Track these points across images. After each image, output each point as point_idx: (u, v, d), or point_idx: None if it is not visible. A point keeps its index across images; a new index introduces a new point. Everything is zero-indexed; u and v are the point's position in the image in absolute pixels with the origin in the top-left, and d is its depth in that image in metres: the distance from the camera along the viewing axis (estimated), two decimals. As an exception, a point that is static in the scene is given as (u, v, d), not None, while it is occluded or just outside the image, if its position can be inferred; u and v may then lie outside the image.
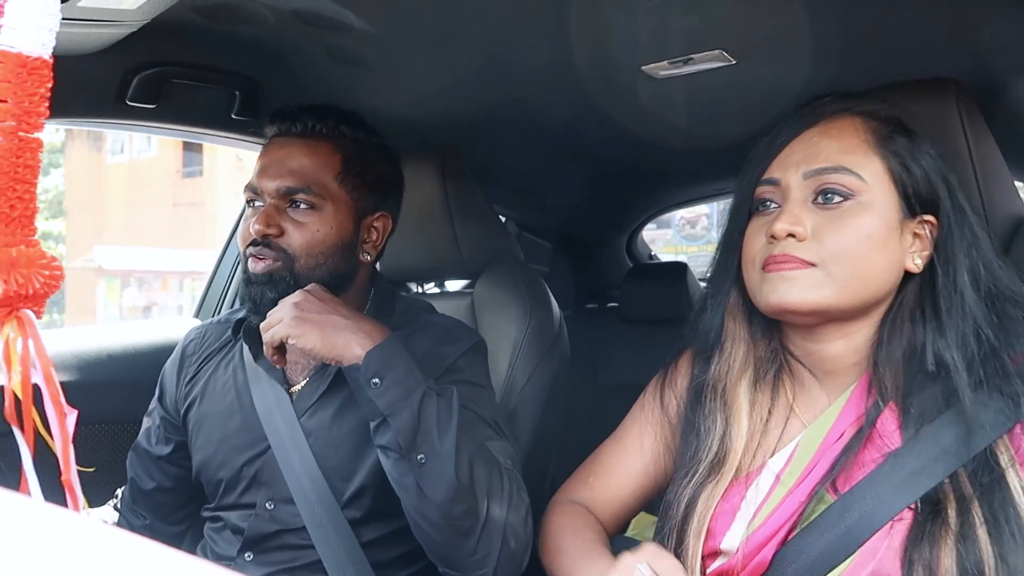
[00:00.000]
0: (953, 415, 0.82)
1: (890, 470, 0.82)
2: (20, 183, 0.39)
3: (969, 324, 0.84)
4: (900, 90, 1.13)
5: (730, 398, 0.95)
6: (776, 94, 1.44)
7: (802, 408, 0.93)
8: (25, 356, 0.39)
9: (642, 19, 1.24)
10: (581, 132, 1.83)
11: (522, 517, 1.04)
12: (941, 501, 0.80)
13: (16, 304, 0.39)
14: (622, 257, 2.81)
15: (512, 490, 1.04)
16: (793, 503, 0.87)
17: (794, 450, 0.90)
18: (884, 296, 0.89)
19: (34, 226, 0.41)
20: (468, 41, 1.37)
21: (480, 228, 1.60)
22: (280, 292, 1.13)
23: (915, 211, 0.88)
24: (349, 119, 1.24)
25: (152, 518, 1.34)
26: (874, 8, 1.19)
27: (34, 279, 0.39)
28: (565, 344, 1.59)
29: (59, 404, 0.37)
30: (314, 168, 1.18)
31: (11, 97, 0.39)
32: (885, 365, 0.87)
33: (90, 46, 1.22)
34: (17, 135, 0.39)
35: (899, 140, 0.89)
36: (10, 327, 0.39)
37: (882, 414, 0.86)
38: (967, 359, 0.83)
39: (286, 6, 1.24)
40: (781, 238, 0.87)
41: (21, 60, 0.39)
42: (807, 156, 0.89)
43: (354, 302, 1.24)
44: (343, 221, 1.20)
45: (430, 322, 1.28)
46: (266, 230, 1.15)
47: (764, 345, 0.96)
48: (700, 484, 0.93)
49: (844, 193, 0.86)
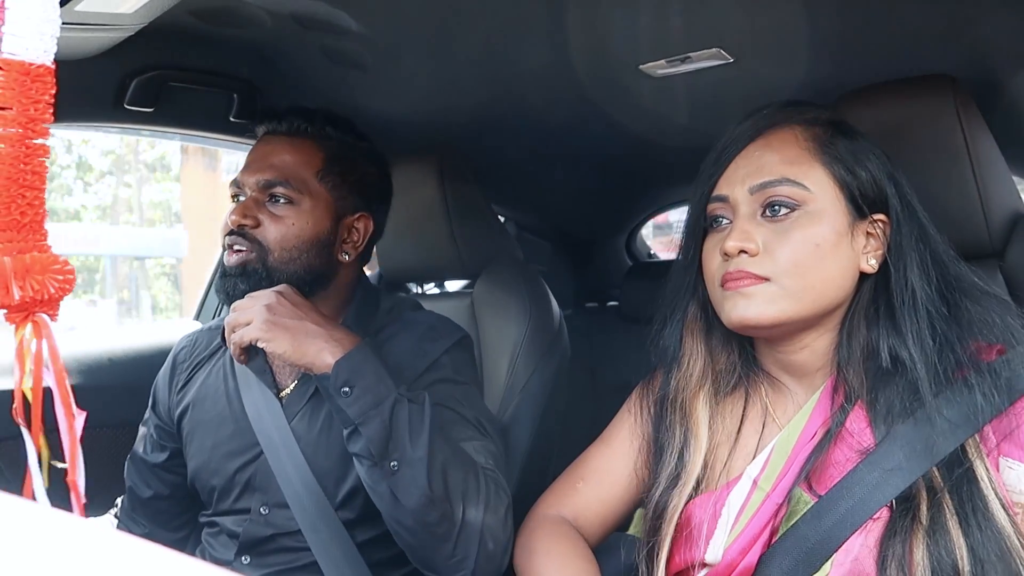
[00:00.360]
0: (922, 413, 0.82)
1: (865, 469, 0.82)
2: (29, 189, 0.40)
3: (923, 319, 0.85)
4: (897, 87, 1.14)
5: (688, 411, 0.96)
6: (774, 92, 1.43)
7: (779, 411, 0.94)
8: (38, 358, 0.39)
9: (640, 18, 1.24)
10: (579, 131, 1.83)
11: (500, 518, 1.04)
12: (915, 497, 0.80)
13: (32, 308, 0.40)
14: (622, 256, 2.81)
15: (489, 492, 1.04)
16: (771, 506, 0.88)
17: (770, 454, 0.91)
18: (842, 300, 0.89)
19: (45, 231, 0.41)
20: (465, 42, 1.37)
21: (479, 228, 1.60)
22: (252, 285, 1.14)
23: (864, 212, 0.88)
24: (336, 121, 1.26)
25: (151, 526, 1.34)
26: (871, 5, 1.19)
27: (48, 284, 0.40)
28: (565, 343, 1.59)
29: (69, 406, 0.38)
30: (295, 164, 1.21)
31: (16, 104, 0.40)
32: (847, 365, 0.88)
33: (88, 50, 1.22)
34: (24, 142, 0.39)
35: (841, 144, 0.89)
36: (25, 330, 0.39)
37: (851, 413, 0.86)
38: (925, 354, 0.83)
39: (283, 9, 1.24)
40: (734, 255, 0.88)
41: (24, 67, 0.40)
42: (751, 171, 0.90)
43: (334, 301, 1.25)
44: (320, 218, 1.21)
45: (414, 319, 1.29)
46: (242, 220, 1.17)
47: (724, 358, 0.97)
48: (664, 493, 0.94)
49: (790, 204, 0.87)
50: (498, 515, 1.04)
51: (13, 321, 0.43)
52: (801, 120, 0.92)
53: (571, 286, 2.63)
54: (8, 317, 0.43)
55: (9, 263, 0.40)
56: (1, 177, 0.38)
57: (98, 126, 1.48)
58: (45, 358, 0.40)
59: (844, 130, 0.92)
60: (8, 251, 0.41)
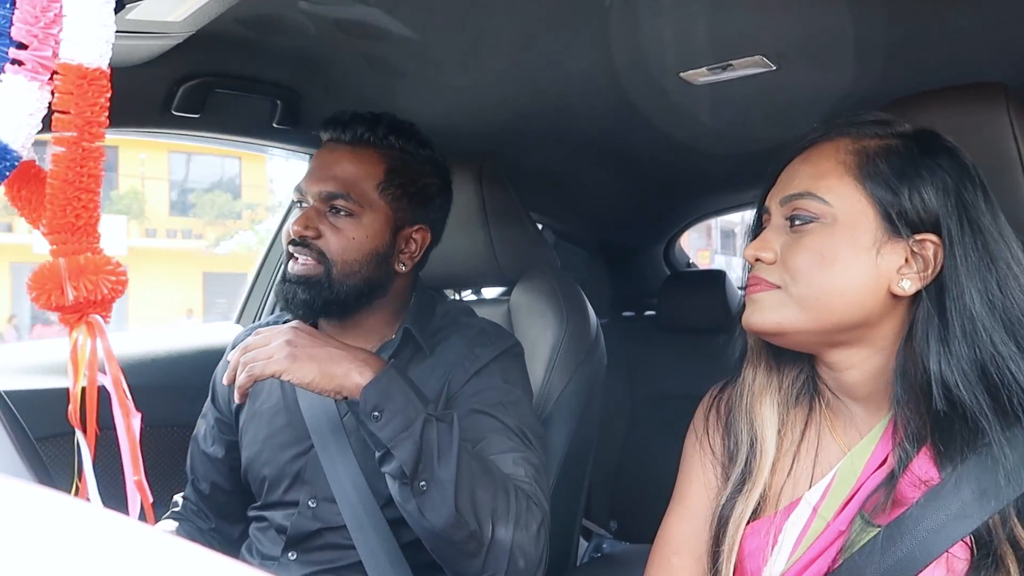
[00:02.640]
0: (988, 453, 0.78)
1: (933, 506, 0.79)
2: (84, 192, 0.41)
3: (985, 353, 0.80)
4: (946, 95, 1.11)
5: (755, 414, 0.94)
6: (818, 100, 1.42)
7: (839, 433, 0.91)
8: (93, 360, 0.40)
9: (680, 25, 1.24)
10: (619, 139, 1.82)
11: (532, 535, 1.04)
12: (995, 544, 0.77)
13: (85, 310, 0.40)
14: (659, 265, 2.80)
15: (520, 509, 1.04)
16: (833, 533, 0.85)
17: (831, 481, 0.88)
18: (867, 320, 0.85)
19: (99, 233, 0.42)
20: (506, 48, 1.38)
21: (517, 235, 1.60)
22: (313, 295, 1.18)
23: (901, 232, 0.84)
24: (400, 129, 1.26)
25: (217, 520, 1.37)
26: (917, 12, 1.17)
27: (102, 285, 0.40)
28: (602, 352, 1.58)
29: (126, 407, 0.38)
30: (356, 175, 1.22)
31: (73, 108, 0.40)
32: (905, 404, 0.84)
33: (138, 58, 1.25)
34: (80, 145, 0.40)
35: (888, 160, 0.85)
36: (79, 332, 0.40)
37: (915, 458, 0.82)
38: (990, 394, 0.79)
39: (327, 16, 1.25)
40: (751, 262, 0.89)
41: (82, 72, 0.41)
42: (785, 183, 0.90)
43: (392, 306, 1.27)
44: (380, 231, 1.22)
45: (468, 324, 1.30)
46: (304, 231, 1.19)
47: (791, 368, 0.95)
48: (731, 498, 0.92)
49: (808, 217, 0.86)
50: (529, 532, 1.04)
51: (67, 323, 0.44)
52: (853, 133, 0.89)
53: (608, 295, 2.63)
54: (62, 319, 0.44)
55: (64, 264, 0.41)
56: (58, 180, 0.39)
57: (146, 131, 1.51)
58: (101, 359, 0.41)
59: (905, 146, 0.87)
60: (63, 252, 0.42)
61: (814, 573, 0.85)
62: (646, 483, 1.81)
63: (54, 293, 0.44)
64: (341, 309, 1.23)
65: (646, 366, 2.46)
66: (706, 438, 1.00)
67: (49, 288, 0.44)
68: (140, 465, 0.40)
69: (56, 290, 0.42)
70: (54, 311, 0.45)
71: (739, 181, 2.32)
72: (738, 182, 2.34)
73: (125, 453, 0.39)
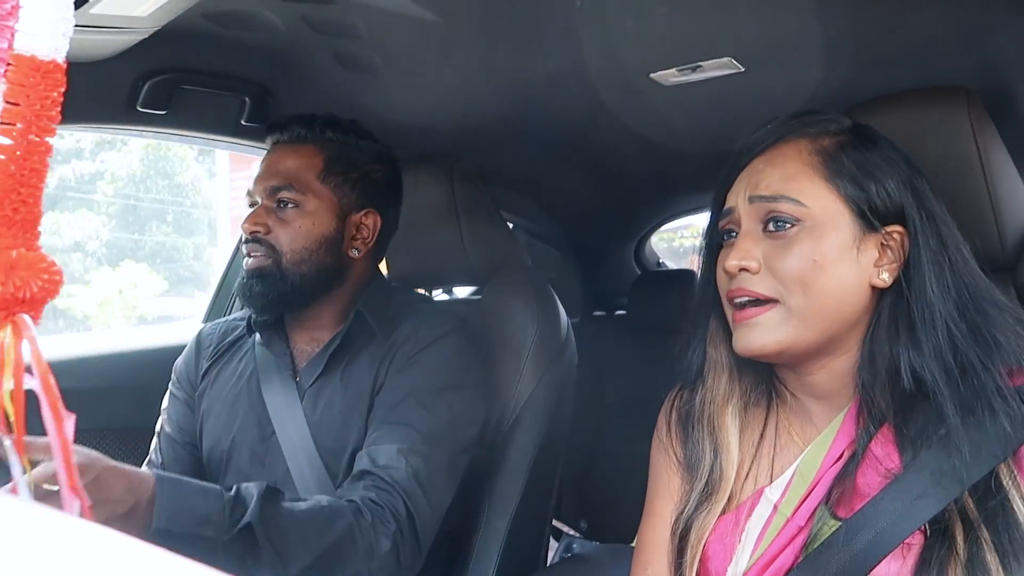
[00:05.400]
0: (948, 437, 0.79)
1: (892, 495, 0.80)
2: (26, 186, 0.39)
3: (943, 337, 0.81)
4: (910, 98, 1.13)
5: (718, 424, 0.93)
6: (786, 101, 1.43)
7: (797, 431, 0.92)
8: (19, 360, 0.38)
9: (651, 26, 1.24)
10: (590, 139, 1.83)
11: (384, 561, 1.07)
12: (949, 526, 0.78)
13: (13, 308, 0.39)
14: (630, 265, 2.81)
15: (366, 544, 1.05)
16: (792, 529, 0.86)
17: (791, 477, 0.89)
18: (853, 319, 0.86)
19: (38, 230, 0.41)
20: (477, 48, 1.38)
21: (488, 234, 1.60)
22: (267, 287, 1.24)
23: (875, 225, 0.85)
24: (337, 124, 1.33)
25: None
26: (884, 15, 1.19)
27: (32, 283, 0.39)
28: (573, 351, 1.59)
29: (56, 410, 0.37)
30: (297, 168, 1.28)
31: (23, 100, 0.39)
32: (871, 386, 0.85)
33: (102, 52, 1.23)
34: (27, 138, 0.39)
35: (849, 157, 0.87)
36: (4, 332, 0.38)
37: (876, 437, 0.83)
38: (947, 375, 0.80)
39: (295, 13, 1.24)
40: (734, 273, 0.87)
41: (35, 63, 0.40)
42: (751, 183, 0.89)
43: (348, 297, 1.33)
44: (325, 217, 1.28)
45: (419, 309, 1.36)
46: (252, 227, 1.26)
47: (750, 372, 0.95)
48: (692, 513, 0.92)
49: (789, 220, 0.85)
50: (381, 559, 1.07)
51: None
52: (809, 133, 0.89)
53: (579, 294, 2.63)
54: None
55: (-8, 259, 0.40)
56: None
57: (111, 128, 1.49)
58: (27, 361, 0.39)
59: (857, 141, 0.89)
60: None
61: (777, 569, 0.85)
62: (616, 482, 1.82)
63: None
64: (298, 299, 1.27)
65: (617, 365, 2.47)
66: (670, 446, 0.99)
67: (-26, 283, 0.42)
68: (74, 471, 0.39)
69: (-19, 285, 0.40)
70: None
71: (708, 182, 2.33)
72: (708, 183, 2.35)
73: (56, 457, 0.38)
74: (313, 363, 1.29)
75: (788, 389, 0.93)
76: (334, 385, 1.27)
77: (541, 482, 1.47)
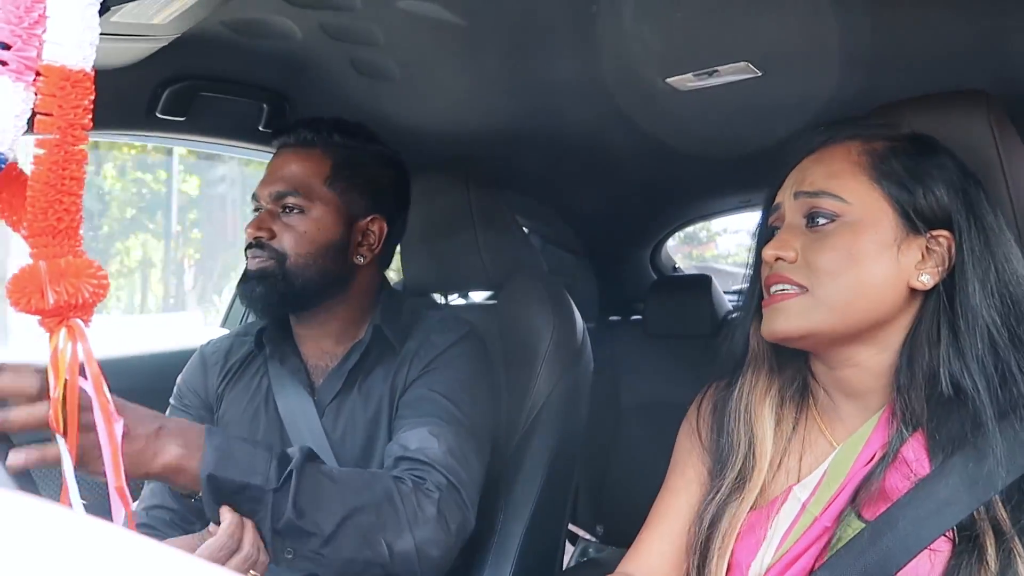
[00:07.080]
0: (982, 443, 0.79)
1: (919, 499, 0.80)
2: (66, 195, 0.40)
3: (985, 344, 0.82)
4: (929, 102, 1.12)
5: (755, 416, 0.94)
6: (803, 106, 1.43)
7: (831, 428, 0.92)
8: (74, 364, 0.39)
9: (667, 31, 1.24)
10: (606, 144, 1.83)
11: (431, 529, 1.04)
12: (979, 535, 0.77)
13: (66, 313, 0.39)
14: (646, 270, 2.80)
15: (411, 507, 1.03)
16: (819, 528, 0.86)
17: (822, 477, 0.89)
18: (884, 316, 0.86)
19: (80, 236, 0.41)
20: (493, 54, 1.38)
21: (504, 239, 1.60)
22: (268, 289, 1.21)
23: (919, 228, 0.86)
24: (344, 128, 1.31)
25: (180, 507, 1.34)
26: (902, 20, 1.18)
27: (83, 289, 0.40)
28: (588, 356, 1.58)
29: (107, 412, 0.38)
30: (303, 173, 1.26)
31: (55, 110, 0.40)
32: (907, 390, 0.85)
33: (122, 60, 1.24)
34: (63, 148, 0.40)
35: (899, 161, 0.88)
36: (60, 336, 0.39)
37: (908, 441, 0.83)
38: (987, 383, 0.80)
39: (313, 20, 1.25)
40: (771, 262, 0.89)
41: (65, 73, 0.40)
42: (797, 181, 0.92)
43: (356, 304, 1.30)
44: (331, 223, 1.26)
45: (428, 316, 1.34)
46: (257, 233, 1.24)
47: (790, 367, 0.96)
48: (724, 502, 0.92)
49: (829, 215, 0.87)
50: (428, 527, 1.04)
51: (47, 327, 0.43)
52: (862, 136, 0.91)
53: (595, 299, 2.63)
54: (43, 323, 0.43)
55: (44, 268, 0.41)
56: (39, 182, 0.39)
57: (131, 134, 1.51)
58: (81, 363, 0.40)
59: (910, 147, 0.90)
60: (43, 256, 0.41)
61: (800, 568, 0.85)
62: (632, 487, 1.81)
63: (34, 297, 0.43)
64: (300, 302, 1.25)
65: (632, 370, 2.46)
66: (700, 432, 1.00)
67: (29, 292, 0.43)
68: (122, 471, 0.39)
69: (36, 294, 0.41)
70: (34, 315, 0.44)
71: (725, 186, 2.33)
72: (724, 187, 2.35)
73: (107, 459, 0.38)
74: (332, 379, 1.27)
75: (821, 385, 0.94)
76: (354, 400, 1.25)
77: (557, 486, 1.47)
